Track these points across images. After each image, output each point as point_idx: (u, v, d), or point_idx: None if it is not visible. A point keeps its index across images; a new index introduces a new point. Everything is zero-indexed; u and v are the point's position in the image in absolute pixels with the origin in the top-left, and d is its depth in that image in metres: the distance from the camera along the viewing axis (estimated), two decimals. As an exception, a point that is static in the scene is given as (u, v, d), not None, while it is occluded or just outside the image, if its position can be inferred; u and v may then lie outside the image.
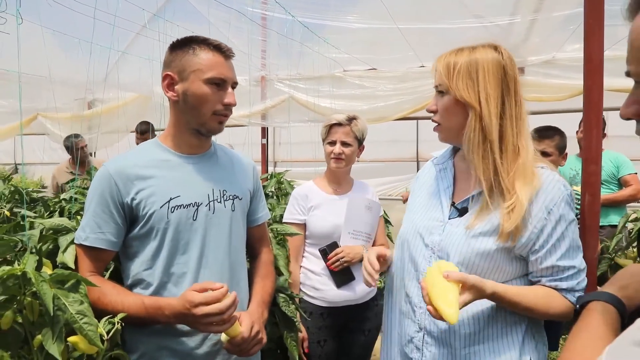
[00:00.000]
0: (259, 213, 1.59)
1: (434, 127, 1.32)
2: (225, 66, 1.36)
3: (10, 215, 1.81)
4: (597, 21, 1.36)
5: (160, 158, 1.37)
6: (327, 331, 2.13)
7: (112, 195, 1.29)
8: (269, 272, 1.58)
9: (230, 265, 1.41)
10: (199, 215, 1.35)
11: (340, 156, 2.14)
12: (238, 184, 1.48)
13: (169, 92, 1.35)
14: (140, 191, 1.30)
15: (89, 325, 1.00)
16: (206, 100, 1.31)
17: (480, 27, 3.83)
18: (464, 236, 1.22)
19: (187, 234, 1.33)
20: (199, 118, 1.34)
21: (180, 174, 1.36)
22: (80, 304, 1.01)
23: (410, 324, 1.31)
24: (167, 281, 1.32)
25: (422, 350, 1.27)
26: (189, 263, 1.33)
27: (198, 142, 1.41)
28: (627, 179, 3.64)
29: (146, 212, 1.30)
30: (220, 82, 1.33)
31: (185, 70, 1.31)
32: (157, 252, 1.31)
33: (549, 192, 1.19)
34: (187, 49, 1.33)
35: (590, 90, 1.37)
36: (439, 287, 1.08)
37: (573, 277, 1.21)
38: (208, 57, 1.32)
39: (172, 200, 1.32)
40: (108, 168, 1.32)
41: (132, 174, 1.31)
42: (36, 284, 0.97)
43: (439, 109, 1.27)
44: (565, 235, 1.19)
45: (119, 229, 1.30)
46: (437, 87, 1.27)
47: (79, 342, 1.03)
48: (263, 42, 4.53)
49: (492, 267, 1.20)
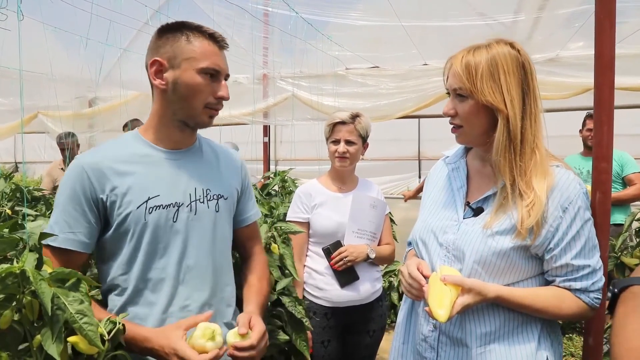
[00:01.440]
0: (248, 212, 1.50)
1: (453, 129, 1.29)
2: (220, 56, 1.27)
3: (12, 213, 1.79)
4: (608, 17, 1.34)
5: (139, 152, 1.26)
6: (331, 331, 2.11)
7: (85, 191, 1.18)
8: (265, 273, 1.50)
9: (214, 270, 1.32)
10: (179, 217, 1.26)
11: (345, 155, 2.11)
12: (224, 182, 1.38)
13: (156, 79, 1.23)
14: (116, 188, 1.20)
15: (89, 325, 0.97)
16: (199, 91, 1.22)
17: (484, 25, 3.81)
18: (481, 235, 1.21)
19: (166, 237, 1.24)
20: (189, 110, 1.25)
21: (161, 171, 1.26)
22: (80, 303, 0.97)
23: (424, 323, 1.31)
24: (144, 288, 1.23)
25: (436, 350, 1.27)
26: (168, 268, 1.24)
27: (182, 136, 1.31)
28: (632, 178, 3.63)
29: (121, 211, 1.20)
30: (215, 73, 1.24)
31: (176, 57, 1.21)
32: (133, 256, 1.22)
33: (564, 191, 1.18)
34: (178, 35, 1.23)
35: (601, 88, 1.35)
36: (436, 290, 1.15)
37: (588, 277, 1.19)
38: (203, 45, 1.23)
39: (151, 200, 1.22)
40: (81, 161, 1.21)
41: (108, 169, 1.20)
42: (34, 282, 0.93)
43: (460, 113, 1.24)
44: (580, 234, 1.18)
45: (92, 228, 1.20)
46: (455, 90, 1.23)
47: (79, 342, 0.99)
48: (265, 40, 4.50)
49: (509, 265, 1.20)
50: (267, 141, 5.68)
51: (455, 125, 1.27)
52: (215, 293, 1.32)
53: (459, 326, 1.24)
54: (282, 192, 2.99)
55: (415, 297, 1.27)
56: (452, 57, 1.26)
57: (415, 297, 1.27)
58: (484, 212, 1.26)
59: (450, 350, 1.25)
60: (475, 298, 1.15)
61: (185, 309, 1.25)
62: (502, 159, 1.19)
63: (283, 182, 3.00)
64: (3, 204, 1.86)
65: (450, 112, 1.26)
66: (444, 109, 1.28)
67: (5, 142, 7.35)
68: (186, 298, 1.26)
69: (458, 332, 1.24)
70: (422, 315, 1.31)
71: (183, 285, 1.26)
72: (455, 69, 1.22)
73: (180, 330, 1.13)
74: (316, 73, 4.71)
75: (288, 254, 1.64)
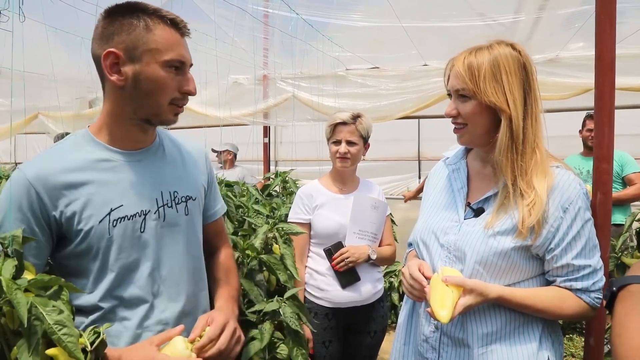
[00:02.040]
0: (214, 207, 1.39)
1: (455, 129, 1.29)
2: (183, 46, 1.12)
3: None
4: (608, 17, 1.35)
5: (94, 157, 1.11)
6: (332, 332, 2.11)
7: (33, 208, 1.04)
8: (231, 266, 1.39)
9: (189, 277, 1.23)
10: (147, 226, 1.14)
11: (346, 155, 2.12)
12: (190, 182, 1.26)
13: (113, 74, 1.07)
14: (72, 203, 1.06)
15: (69, 336, 0.90)
16: (164, 87, 1.08)
17: (484, 26, 3.81)
18: (482, 236, 1.22)
19: (135, 250, 1.12)
20: (153, 108, 1.11)
21: (121, 177, 1.13)
22: (59, 313, 0.90)
23: (425, 324, 1.31)
24: (115, 305, 1.12)
25: (438, 350, 1.27)
26: (139, 282, 1.13)
27: (143, 135, 1.18)
28: (632, 178, 3.63)
29: (81, 228, 1.07)
30: (180, 65, 1.10)
31: (136, 48, 1.06)
32: (100, 274, 1.10)
33: (564, 191, 1.19)
34: (135, 21, 1.06)
35: (601, 88, 1.36)
36: (438, 291, 1.16)
37: (588, 277, 1.20)
38: (165, 33, 1.07)
39: (114, 212, 1.09)
40: (26, 174, 1.05)
41: (59, 181, 1.06)
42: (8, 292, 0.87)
43: (463, 114, 1.24)
44: (581, 234, 1.19)
45: (42, 247, 1.07)
46: (458, 91, 1.24)
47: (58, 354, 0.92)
48: (265, 41, 4.50)
49: (510, 266, 1.20)
50: (267, 142, 5.68)
51: (459, 124, 1.27)
52: (191, 301, 1.23)
53: (460, 327, 1.24)
54: (283, 193, 3.00)
55: (417, 298, 1.27)
56: (453, 58, 1.26)
57: (417, 298, 1.27)
58: (485, 213, 1.26)
59: (452, 350, 1.25)
60: (477, 299, 1.15)
61: (162, 322, 1.17)
62: (504, 158, 1.20)
63: (284, 183, 3.01)
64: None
65: (453, 113, 1.26)
66: (446, 109, 1.29)
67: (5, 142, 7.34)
68: (162, 310, 1.17)
69: (459, 332, 1.24)
70: (424, 316, 1.31)
71: (158, 298, 1.16)
72: (457, 70, 1.23)
73: (153, 346, 1.04)
74: (316, 74, 4.71)
75: (289, 254, 1.64)
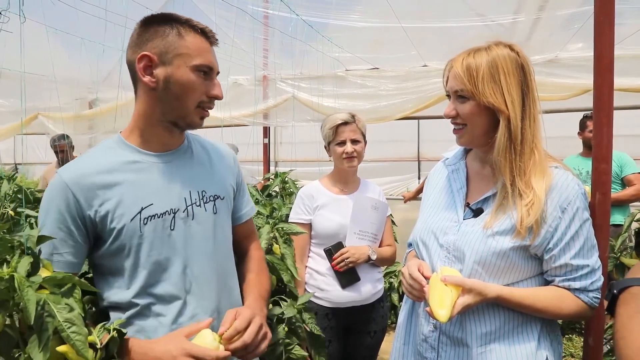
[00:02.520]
0: (243, 209, 1.43)
1: (455, 130, 1.30)
2: (212, 53, 1.20)
3: (15, 214, 1.80)
4: (607, 18, 1.35)
5: (125, 159, 1.18)
6: (332, 332, 2.12)
7: (70, 209, 1.11)
8: (263, 268, 1.44)
9: (220, 275, 1.27)
10: (176, 224, 1.19)
11: (353, 154, 2.13)
12: (219, 182, 1.31)
13: (145, 76, 1.14)
14: (105, 202, 1.12)
15: (77, 334, 0.92)
16: (193, 90, 1.15)
17: (484, 27, 3.82)
18: (481, 236, 1.22)
19: (165, 248, 1.17)
20: (181, 110, 1.17)
21: (151, 177, 1.19)
22: (70, 311, 0.93)
23: (424, 323, 1.31)
24: (150, 302, 1.16)
25: (437, 350, 1.28)
26: (172, 279, 1.17)
27: (171, 137, 1.23)
28: (631, 179, 3.64)
29: (114, 226, 1.13)
30: (208, 71, 1.18)
31: (168, 52, 1.13)
32: (133, 271, 1.15)
33: (563, 191, 1.20)
34: (168, 28, 1.14)
35: (600, 89, 1.36)
36: (437, 291, 1.16)
37: (587, 277, 1.20)
38: (196, 40, 1.15)
39: (144, 210, 1.15)
40: (63, 177, 1.12)
41: (93, 183, 1.12)
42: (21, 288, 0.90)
43: (462, 114, 1.25)
44: (579, 234, 1.20)
45: (80, 247, 1.13)
46: (456, 92, 1.25)
47: (68, 352, 0.95)
48: (265, 41, 4.51)
49: (508, 266, 1.21)
50: (267, 142, 5.68)
51: (458, 125, 1.28)
52: (223, 298, 1.27)
53: (459, 326, 1.25)
54: (282, 194, 3.00)
55: (416, 298, 1.27)
56: (452, 59, 1.27)
57: (416, 298, 1.27)
58: (484, 213, 1.27)
59: (451, 350, 1.26)
60: (476, 298, 1.16)
61: (195, 318, 1.20)
62: (503, 159, 1.21)
63: (284, 184, 3.01)
64: (6, 205, 1.87)
65: (452, 114, 1.27)
66: (445, 110, 1.29)
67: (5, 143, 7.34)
68: (195, 307, 1.21)
69: (458, 332, 1.25)
70: (423, 316, 1.32)
71: (190, 295, 1.20)
72: (456, 71, 1.23)
73: (182, 336, 1.08)
74: (316, 74, 4.72)
75: (289, 254, 1.65)
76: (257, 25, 3.96)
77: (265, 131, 5.70)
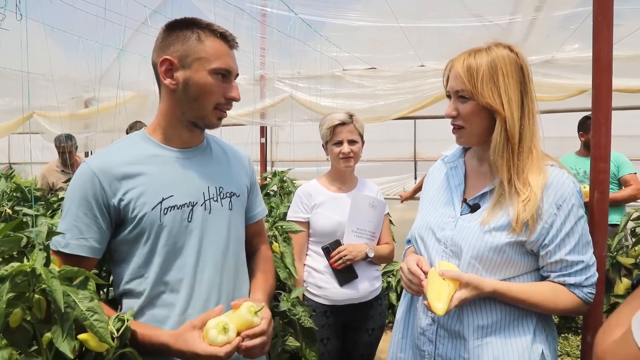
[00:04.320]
0: (256, 209, 1.49)
1: (454, 129, 1.33)
2: (231, 56, 1.25)
3: (12, 213, 1.79)
4: (606, 19, 1.36)
5: (149, 153, 1.24)
6: (330, 329, 2.13)
7: (96, 196, 1.16)
8: (271, 268, 1.49)
9: (230, 268, 1.31)
10: (194, 216, 1.24)
11: (350, 155, 2.14)
12: (235, 180, 1.37)
13: (166, 78, 1.21)
14: (129, 191, 1.18)
15: (100, 322, 0.96)
16: (210, 92, 1.21)
17: (481, 27, 3.83)
18: (478, 231, 1.25)
19: (182, 237, 1.22)
20: (199, 111, 1.23)
21: (172, 171, 1.25)
22: (91, 300, 0.97)
23: (422, 317, 1.34)
24: (162, 290, 1.21)
25: (434, 343, 1.30)
26: (185, 269, 1.22)
27: (191, 136, 1.29)
28: (627, 179, 3.66)
29: (136, 214, 1.18)
30: (226, 74, 1.23)
31: (188, 56, 1.19)
32: (149, 258, 1.20)
33: (558, 189, 1.22)
34: (189, 33, 1.20)
35: (599, 89, 1.37)
36: (435, 285, 1.19)
37: (581, 273, 1.23)
38: (215, 45, 1.21)
39: (165, 201, 1.20)
40: (91, 165, 1.18)
41: (119, 172, 1.18)
42: (46, 280, 0.94)
43: (462, 114, 1.28)
44: (574, 231, 1.22)
45: (103, 233, 1.19)
46: (457, 92, 1.27)
47: (89, 339, 0.99)
48: (262, 40, 4.51)
49: (505, 261, 1.23)
50: (264, 142, 5.68)
51: (457, 126, 1.30)
52: (233, 292, 1.30)
53: (457, 319, 1.27)
54: (280, 193, 3.00)
55: (415, 292, 1.30)
56: (453, 59, 1.29)
57: (415, 292, 1.30)
58: (481, 209, 1.29)
59: (448, 343, 1.28)
60: (472, 292, 1.19)
61: (204, 310, 1.22)
62: (500, 158, 1.23)
63: (282, 183, 3.01)
64: (3, 204, 1.86)
65: (453, 114, 1.29)
66: (446, 110, 1.31)
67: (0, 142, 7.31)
68: (205, 299, 1.24)
69: (456, 325, 1.27)
70: (421, 310, 1.34)
71: (201, 286, 1.24)
72: (456, 71, 1.26)
73: (196, 330, 1.11)
74: (314, 74, 4.72)
75: (288, 252, 1.66)
76: (254, 23, 3.96)
77: (262, 131, 5.69)
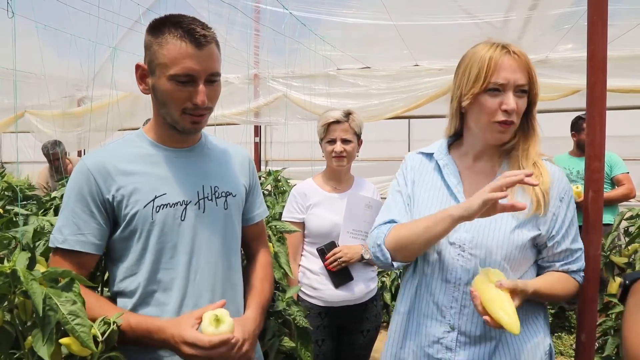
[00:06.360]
0: (255, 210, 1.46)
1: (503, 125, 1.23)
2: (195, 59, 1.14)
3: (4, 212, 1.77)
4: (600, 18, 1.36)
5: (143, 152, 1.25)
6: (325, 331, 2.12)
7: (92, 192, 1.17)
8: (268, 274, 1.45)
9: (224, 269, 1.29)
10: (187, 215, 1.23)
11: (342, 154, 2.11)
12: (232, 180, 1.35)
13: (141, 84, 1.22)
14: (122, 188, 1.19)
15: (82, 326, 0.94)
16: (172, 98, 1.16)
17: (475, 27, 3.84)
18: (503, 231, 1.23)
19: (174, 236, 1.22)
20: (170, 116, 1.20)
21: (166, 170, 1.24)
22: (73, 304, 0.94)
23: (435, 324, 1.28)
24: (154, 289, 1.21)
25: (454, 350, 1.25)
26: (177, 268, 1.22)
27: (181, 137, 1.28)
28: (620, 179, 3.68)
29: (128, 211, 1.18)
30: (187, 80, 1.15)
31: (152, 62, 1.17)
32: (141, 257, 1.20)
33: (559, 183, 1.29)
34: (159, 35, 1.15)
35: (593, 87, 1.37)
36: (493, 297, 1.09)
37: (580, 259, 1.31)
38: (175, 48, 1.13)
39: (157, 199, 1.20)
40: (86, 162, 1.20)
41: (113, 169, 1.19)
42: (25, 282, 0.91)
43: (519, 109, 1.23)
44: (573, 221, 1.30)
45: (101, 230, 1.19)
46: (520, 86, 1.21)
47: (71, 344, 0.97)
48: (256, 38, 4.49)
49: (524, 257, 1.26)
50: (258, 141, 5.67)
51: (510, 122, 1.23)
52: (227, 291, 1.29)
53: (477, 323, 1.23)
54: (275, 192, 2.99)
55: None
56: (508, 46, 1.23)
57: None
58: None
59: (469, 348, 1.24)
60: (522, 298, 1.14)
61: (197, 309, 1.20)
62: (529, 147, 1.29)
63: (276, 182, 3.00)
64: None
65: (518, 110, 1.22)
66: (509, 106, 1.20)
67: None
68: (197, 298, 1.24)
69: (477, 329, 1.24)
70: (431, 316, 1.28)
71: (194, 285, 1.23)
72: (525, 65, 1.22)
73: (193, 318, 1.12)
74: (308, 73, 4.72)
75: (283, 252, 1.65)
76: (248, 21, 3.94)
77: (256, 130, 5.68)
